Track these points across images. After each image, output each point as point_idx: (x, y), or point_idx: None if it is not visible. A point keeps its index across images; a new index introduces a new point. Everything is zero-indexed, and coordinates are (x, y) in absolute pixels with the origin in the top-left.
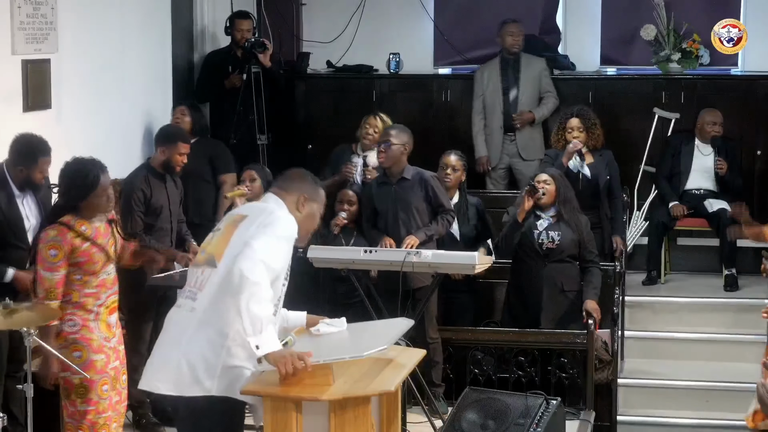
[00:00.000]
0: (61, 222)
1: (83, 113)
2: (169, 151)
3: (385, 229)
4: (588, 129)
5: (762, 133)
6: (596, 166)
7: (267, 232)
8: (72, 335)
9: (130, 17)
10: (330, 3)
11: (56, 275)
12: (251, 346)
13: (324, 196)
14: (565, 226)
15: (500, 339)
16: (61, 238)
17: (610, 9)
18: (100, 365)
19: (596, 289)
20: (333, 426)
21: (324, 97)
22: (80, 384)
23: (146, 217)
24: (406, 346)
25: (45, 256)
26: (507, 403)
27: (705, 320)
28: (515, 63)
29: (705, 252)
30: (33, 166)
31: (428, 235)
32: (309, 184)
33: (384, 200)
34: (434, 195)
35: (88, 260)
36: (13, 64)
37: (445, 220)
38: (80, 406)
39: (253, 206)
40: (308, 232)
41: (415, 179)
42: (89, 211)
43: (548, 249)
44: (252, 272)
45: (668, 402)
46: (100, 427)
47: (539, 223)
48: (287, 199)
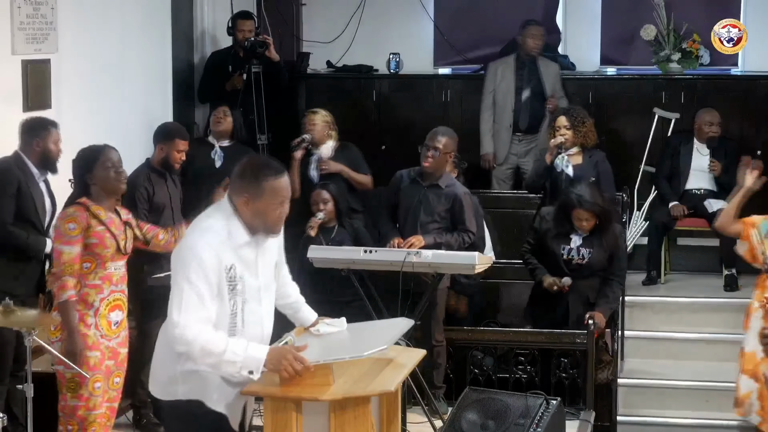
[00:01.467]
0: (79, 202)
1: (83, 113)
2: (167, 148)
3: (402, 226)
4: (574, 127)
5: (762, 133)
6: (583, 166)
7: (180, 273)
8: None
9: (130, 17)
10: (330, 3)
11: (74, 249)
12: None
13: (275, 186)
14: (598, 243)
15: (500, 339)
16: (79, 213)
17: (610, 9)
18: (94, 362)
19: (610, 303)
20: (333, 426)
21: (324, 97)
22: (71, 378)
23: (149, 215)
24: (406, 346)
25: (63, 231)
26: (507, 403)
27: (705, 320)
28: (532, 64)
29: (705, 252)
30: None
31: (437, 241)
32: (246, 182)
33: (410, 198)
34: (460, 210)
35: (99, 242)
36: (13, 64)
37: (461, 237)
38: (70, 400)
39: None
40: (268, 228)
41: (447, 190)
42: (99, 188)
43: (577, 264)
44: (181, 343)
45: (668, 402)
46: (89, 423)
47: (572, 238)
48: (236, 201)
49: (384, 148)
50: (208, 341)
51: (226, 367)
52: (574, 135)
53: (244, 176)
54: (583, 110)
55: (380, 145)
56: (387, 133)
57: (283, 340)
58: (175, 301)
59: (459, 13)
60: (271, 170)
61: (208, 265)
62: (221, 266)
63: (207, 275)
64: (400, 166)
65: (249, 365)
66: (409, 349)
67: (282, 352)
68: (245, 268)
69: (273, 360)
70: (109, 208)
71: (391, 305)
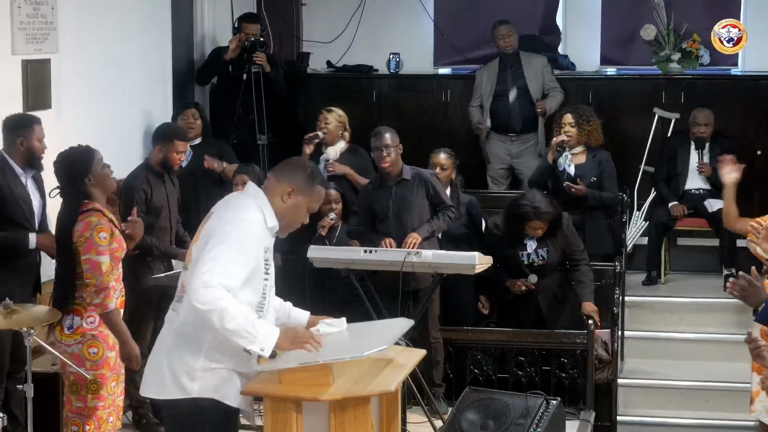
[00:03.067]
0: (93, 208)
1: (83, 113)
2: (166, 149)
3: (386, 231)
4: (579, 125)
5: (762, 133)
6: (585, 166)
7: (225, 238)
8: (90, 331)
9: (130, 17)
10: (330, 3)
11: (108, 258)
12: (258, 354)
13: (321, 194)
14: (552, 241)
15: (500, 339)
16: (104, 222)
17: (610, 9)
18: (113, 362)
19: (589, 287)
20: (333, 426)
21: (324, 97)
22: (93, 380)
23: (147, 216)
24: (406, 346)
25: (97, 241)
26: (507, 403)
27: (705, 320)
28: (515, 63)
29: (705, 252)
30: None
31: (431, 231)
32: (302, 177)
33: (384, 202)
34: (435, 193)
35: (119, 246)
36: (13, 64)
37: (446, 216)
38: (90, 402)
39: (222, 201)
40: (291, 224)
41: (414, 179)
42: (98, 189)
43: (539, 266)
44: (204, 302)
45: (668, 402)
46: (103, 422)
47: (527, 243)
48: (276, 188)
49: None
50: (234, 306)
51: (243, 338)
52: (578, 133)
53: (301, 171)
54: (590, 109)
55: None
56: None
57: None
58: (210, 262)
59: (459, 13)
60: (325, 181)
61: (255, 238)
62: (261, 246)
63: (250, 248)
64: None
65: (263, 340)
66: (408, 349)
67: (296, 331)
68: (270, 256)
69: (288, 338)
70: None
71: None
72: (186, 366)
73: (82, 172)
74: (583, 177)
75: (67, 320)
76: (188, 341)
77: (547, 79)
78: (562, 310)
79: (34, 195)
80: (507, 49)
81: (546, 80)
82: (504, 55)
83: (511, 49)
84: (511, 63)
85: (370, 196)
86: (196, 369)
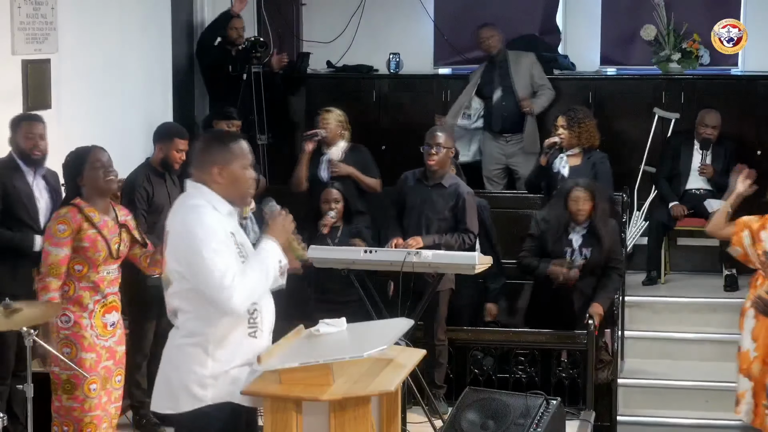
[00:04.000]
0: (72, 203)
1: (83, 113)
2: (166, 147)
3: (407, 226)
4: (570, 127)
5: (762, 133)
6: (578, 169)
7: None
8: (64, 330)
9: (130, 17)
10: (330, 3)
11: (61, 251)
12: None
13: (242, 146)
14: (597, 241)
15: (500, 339)
16: (71, 215)
17: (610, 9)
18: (89, 364)
19: (609, 294)
20: (333, 426)
21: (324, 97)
22: (67, 380)
23: (148, 215)
24: (406, 346)
25: (53, 232)
26: (507, 403)
27: (705, 320)
28: (503, 63)
29: (705, 252)
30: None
31: (436, 243)
32: (216, 151)
33: (414, 198)
34: (462, 211)
35: (91, 246)
36: (13, 64)
37: (461, 238)
38: (65, 402)
39: (170, 213)
40: (242, 193)
41: (451, 189)
42: (90, 189)
43: (581, 266)
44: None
45: (668, 402)
46: (85, 425)
47: (573, 238)
48: (206, 177)
49: (384, 148)
50: (251, 278)
51: (274, 274)
52: (570, 135)
53: (209, 148)
54: (584, 110)
55: (380, 145)
56: (387, 133)
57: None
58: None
59: (459, 13)
60: (231, 135)
61: (218, 229)
62: (226, 233)
63: (222, 239)
64: (401, 165)
65: (277, 255)
66: (409, 349)
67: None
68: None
69: (276, 233)
70: (103, 210)
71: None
72: (195, 376)
73: (74, 172)
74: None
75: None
76: (193, 351)
77: (536, 77)
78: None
79: (42, 195)
80: (490, 50)
81: (535, 78)
82: (492, 56)
83: (495, 50)
84: (499, 63)
85: (404, 187)
86: (205, 376)
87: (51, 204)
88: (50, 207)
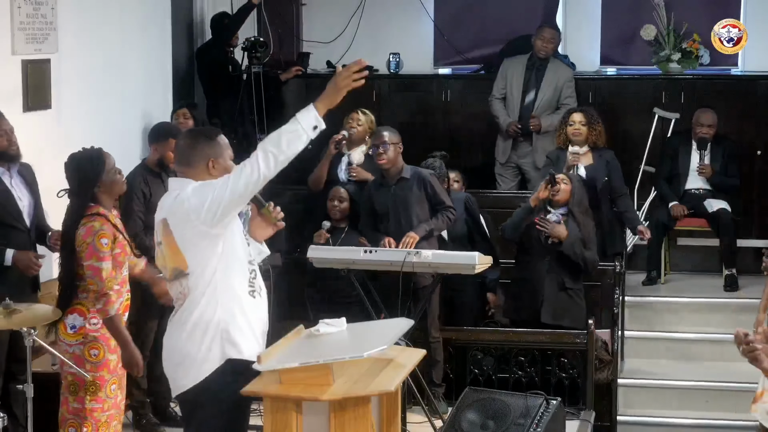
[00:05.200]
0: (97, 213)
1: (83, 113)
2: (161, 148)
3: (386, 230)
4: (590, 124)
5: (762, 133)
6: (594, 168)
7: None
8: (92, 333)
9: (130, 17)
10: (330, 3)
11: (109, 264)
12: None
13: (225, 141)
14: (574, 225)
15: (500, 339)
16: (106, 227)
17: (610, 9)
18: (113, 365)
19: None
20: (333, 426)
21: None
22: (92, 382)
23: (146, 216)
24: (406, 346)
25: (98, 247)
26: (507, 403)
27: (705, 320)
28: (542, 66)
29: (705, 252)
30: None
31: (428, 230)
32: (206, 145)
33: (383, 202)
34: (433, 193)
35: (122, 251)
36: (13, 64)
37: (445, 216)
38: (88, 403)
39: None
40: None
41: (413, 178)
42: (107, 194)
43: (553, 243)
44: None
45: (668, 402)
46: (102, 424)
47: (549, 217)
48: (198, 173)
49: None
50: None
51: (295, 137)
52: (588, 132)
53: (197, 144)
54: (594, 111)
55: None
56: None
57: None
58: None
59: (459, 13)
60: (214, 130)
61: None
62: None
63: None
64: None
65: (310, 122)
66: (408, 349)
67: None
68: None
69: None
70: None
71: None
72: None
73: (93, 177)
74: (596, 179)
75: (70, 320)
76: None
77: (565, 93)
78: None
79: (22, 192)
80: (541, 52)
81: (564, 93)
82: (537, 56)
83: (545, 54)
84: (538, 66)
85: (371, 195)
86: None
87: (32, 200)
88: (31, 203)
